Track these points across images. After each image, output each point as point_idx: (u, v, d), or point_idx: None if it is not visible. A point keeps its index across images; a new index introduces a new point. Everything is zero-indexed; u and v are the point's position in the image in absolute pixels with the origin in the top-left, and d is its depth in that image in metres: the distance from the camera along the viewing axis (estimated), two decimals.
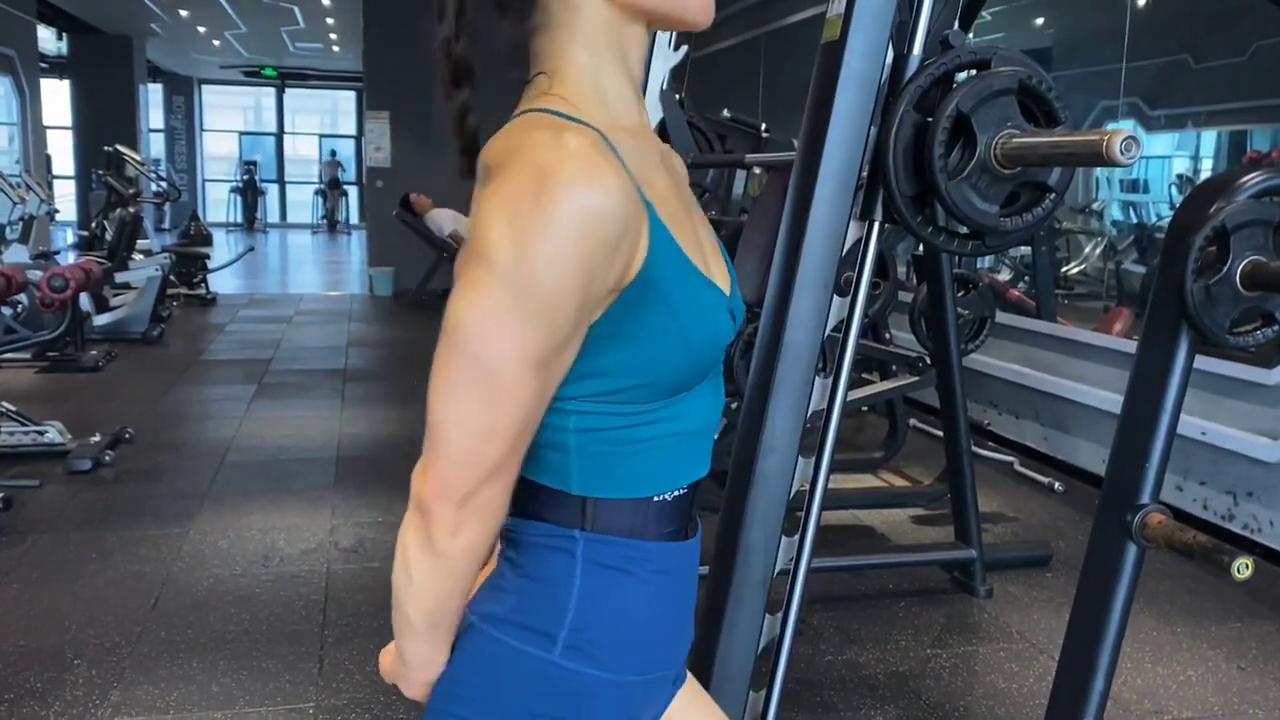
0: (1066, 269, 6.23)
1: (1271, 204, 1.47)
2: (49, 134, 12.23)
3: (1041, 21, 6.59)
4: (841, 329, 1.67)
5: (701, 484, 0.96)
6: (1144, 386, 1.55)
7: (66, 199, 13.83)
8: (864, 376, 4.37)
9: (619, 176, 0.78)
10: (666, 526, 0.91)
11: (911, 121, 1.51)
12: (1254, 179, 1.48)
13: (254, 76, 18.90)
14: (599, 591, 0.88)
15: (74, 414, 4.77)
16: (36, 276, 4.80)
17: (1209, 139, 5.61)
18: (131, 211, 8.64)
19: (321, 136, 20.96)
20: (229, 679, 2.56)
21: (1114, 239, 6.19)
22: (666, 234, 0.84)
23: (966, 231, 1.54)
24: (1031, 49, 6.10)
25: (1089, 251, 6.36)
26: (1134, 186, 6.24)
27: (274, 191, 20.51)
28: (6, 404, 4.44)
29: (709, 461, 0.95)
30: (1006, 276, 6.14)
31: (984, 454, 4.49)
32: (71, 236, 12.99)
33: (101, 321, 7.15)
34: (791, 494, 1.67)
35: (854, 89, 1.57)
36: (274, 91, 20.09)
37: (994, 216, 1.47)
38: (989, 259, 6.11)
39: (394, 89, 9.74)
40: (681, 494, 0.92)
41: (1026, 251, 5.58)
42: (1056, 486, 4.32)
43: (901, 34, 1.57)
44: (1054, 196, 1.48)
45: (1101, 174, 5.97)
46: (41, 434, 4.34)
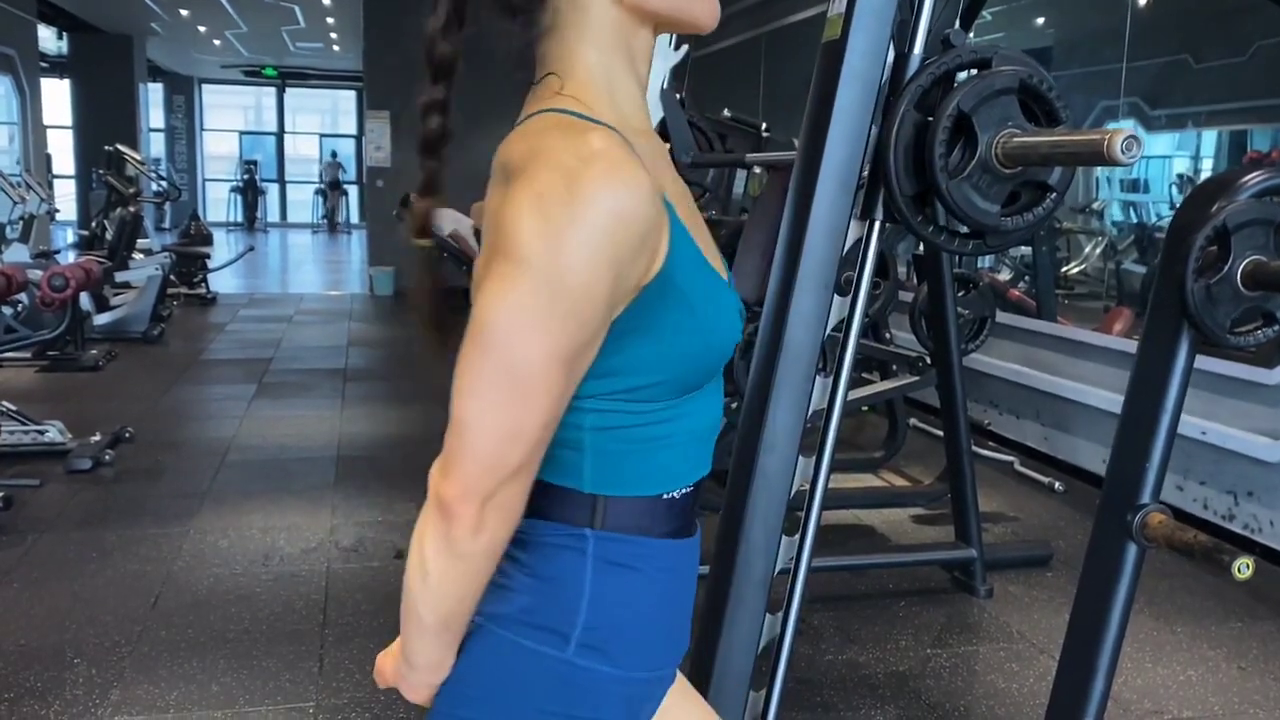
0: (1067, 269, 6.23)
1: (1272, 203, 1.47)
2: (49, 133, 12.23)
3: (1042, 21, 6.59)
4: (842, 328, 1.67)
5: (703, 483, 0.96)
6: (1145, 386, 1.55)
7: (67, 198, 13.83)
8: (864, 376, 4.37)
9: (645, 176, 0.78)
10: (672, 524, 0.92)
11: (912, 121, 1.51)
12: (1255, 178, 1.48)
13: (254, 76, 18.91)
14: (610, 589, 0.88)
15: (74, 413, 4.76)
16: (37, 276, 4.80)
17: (1209, 139, 5.61)
18: (132, 211, 8.64)
19: (322, 136, 20.96)
20: (229, 678, 2.57)
21: (1114, 239, 6.19)
22: (686, 233, 0.86)
23: (967, 231, 1.54)
24: (1032, 49, 6.10)
25: (1089, 251, 6.36)
26: (1134, 186, 6.24)
27: (274, 191, 20.52)
28: (7, 403, 4.44)
29: (711, 460, 0.96)
30: (1007, 276, 6.13)
31: (984, 454, 4.49)
32: (72, 236, 12.97)
33: (102, 321, 7.15)
34: (792, 493, 1.67)
35: (855, 88, 1.57)
36: (274, 91, 20.10)
37: (995, 216, 1.47)
38: (989, 258, 6.10)
39: (394, 89, 9.73)
40: (687, 492, 0.93)
41: (1027, 251, 5.58)
42: (1057, 486, 4.32)
43: (902, 33, 1.57)
44: (1055, 196, 1.48)
45: (1102, 174, 5.97)
46: (42, 433, 4.34)
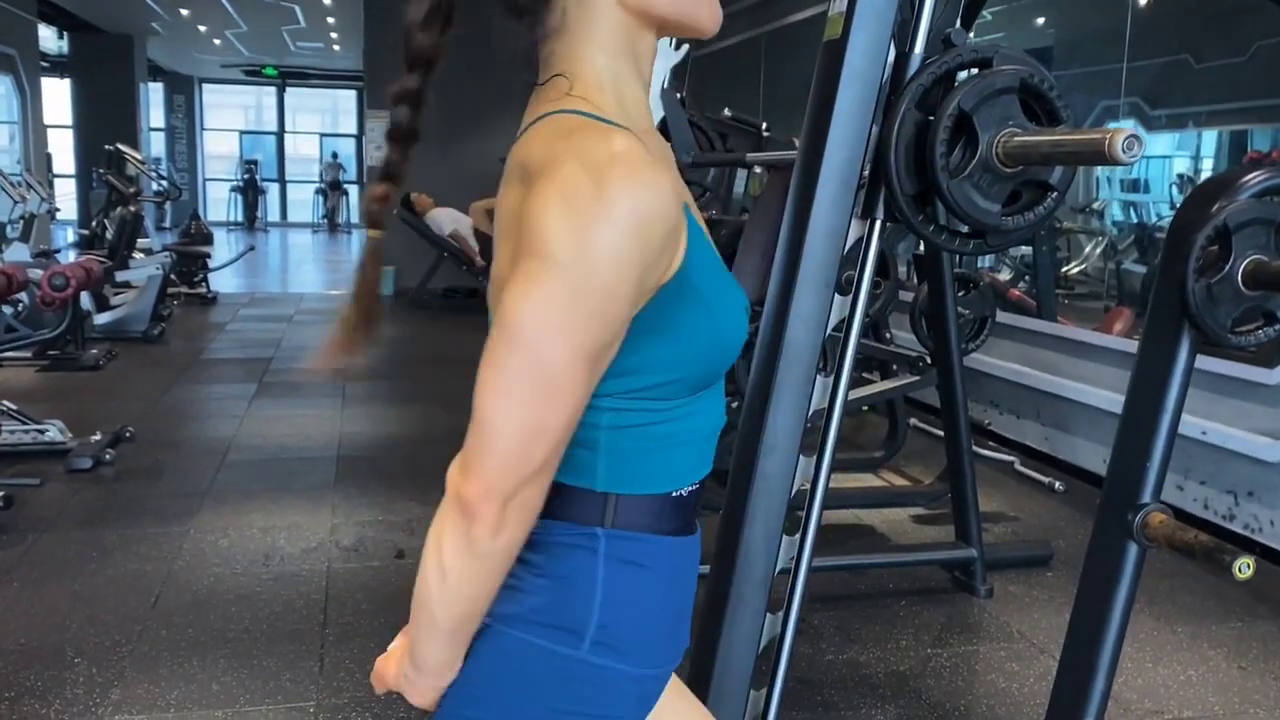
0: (1067, 268, 6.23)
1: (1273, 203, 1.47)
2: (50, 133, 12.22)
3: (1042, 21, 6.59)
4: (842, 328, 1.67)
5: (705, 481, 0.97)
6: (1145, 386, 1.55)
7: (67, 198, 13.83)
8: (865, 376, 4.37)
9: (667, 178, 0.79)
10: (678, 522, 0.93)
11: (913, 120, 1.51)
12: (1255, 178, 1.48)
13: (255, 75, 18.92)
14: (621, 587, 0.89)
15: (74, 413, 4.76)
16: (37, 275, 4.79)
17: (1210, 139, 5.61)
18: (132, 210, 8.63)
19: (322, 136, 20.96)
20: (229, 677, 2.56)
21: (1115, 238, 6.18)
22: (701, 234, 0.87)
23: (968, 230, 1.54)
24: (1032, 48, 6.10)
25: (1090, 251, 6.36)
26: (1135, 186, 6.23)
27: (275, 190, 20.52)
28: (7, 402, 4.44)
29: (713, 459, 0.96)
30: (1007, 276, 6.13)
31: (984, 453, 4.49)
32: (72, 235, 12.97)
33: (102, 320, 7.15)
34: (792, 493, 1.66)
35: (855, 87, 1.57)
36: (275, 90, 20.10)
37: (996, 215, 1.47)
38: (990, 258, 6.10)
39: None
40: (693, 490, 0.94)
41: (1027, 251, 5.58)
42: (1057, 486, 4.32)
43: (903, 32, 1.57)
44: (1055, 195, 1.48)
45: (1102, 173, 5.97)
46: (42, 433, 4.34)
